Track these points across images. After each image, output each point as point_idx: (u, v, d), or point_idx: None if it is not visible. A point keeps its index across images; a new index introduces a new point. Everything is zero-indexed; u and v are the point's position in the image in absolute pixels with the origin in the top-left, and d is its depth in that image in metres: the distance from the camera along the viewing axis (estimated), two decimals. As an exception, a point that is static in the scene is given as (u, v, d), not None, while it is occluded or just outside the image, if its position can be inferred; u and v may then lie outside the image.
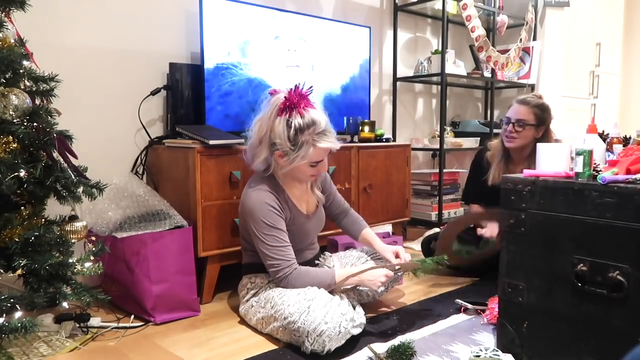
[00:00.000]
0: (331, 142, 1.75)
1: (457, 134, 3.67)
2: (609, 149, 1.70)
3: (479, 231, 2.33)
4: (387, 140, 2.90)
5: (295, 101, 1.70)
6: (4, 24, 1.52)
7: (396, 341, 1.64)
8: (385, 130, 3.12)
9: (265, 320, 1.74)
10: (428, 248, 2.52)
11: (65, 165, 1.62)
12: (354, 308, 1.77)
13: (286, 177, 1.85)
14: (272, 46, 2.50)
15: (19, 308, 1.45)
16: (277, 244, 1.74)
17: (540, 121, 2.31)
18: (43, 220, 1.62)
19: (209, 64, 2.27)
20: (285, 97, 1.71)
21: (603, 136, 1.77)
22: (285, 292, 1.71)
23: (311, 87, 1.74)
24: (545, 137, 2.33)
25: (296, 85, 1.73)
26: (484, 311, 1.93)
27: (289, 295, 1.68)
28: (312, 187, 1.98)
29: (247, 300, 1.85)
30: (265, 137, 1.73)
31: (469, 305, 2.00)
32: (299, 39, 2.61)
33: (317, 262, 2.01)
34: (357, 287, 1.91)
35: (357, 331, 1.69)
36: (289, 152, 1.71)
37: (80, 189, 1.64)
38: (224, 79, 2.33)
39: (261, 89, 2.45)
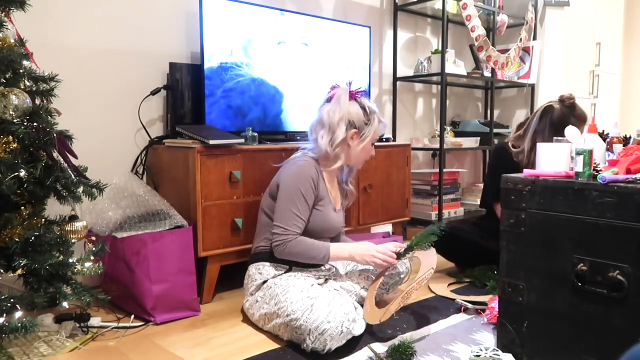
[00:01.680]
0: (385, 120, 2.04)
1: (457, 134, 3.67)
2: (609, 149, 1.70)
3: None
4: (387, 140, 2.90)
5: (357, 90, 1.98)
6: (4, 24, 1.52)
7: (396, 341, 1.64)
8: (385, 130, 3.12)
9: (268, 316, 1.74)
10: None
11: (65, 165, 1.62)
12: (356, 309, 1.78)
13: (330, 166, 1.95)
14: (272, 45, 2.50)
15: (19, 308, 1.45)
16: (296, 212, 1.81)
17: None
18: (43, 220, 1.61)
19: (212, 63, 2.27)
20: (349, 88, 1.96)
21: (603, 136, 1.77)
22: (288, 289, 1.72)
23: (360, 87, 2.00)
24: None
25: (349, 82, 1.98)
26: (484, 311, 1.93)
27: (292, 292, 1.69)
28: (340, 185, 2.09)
29: (252, 294, 1.85)
30: (343, 119, 1.91)
31: (469, 305, 2.00)
32: (299, 38, 2.61)
33: None
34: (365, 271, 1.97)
35: (358, 332, 1.69)
36: (363, 127, 1.93)
37: (80, 189, 1.64)
38: (225, 77, 2.33)
39: (263, 88, 2.46)
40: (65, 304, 1.61)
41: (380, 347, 1.64)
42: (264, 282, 1.83)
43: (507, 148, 2.36)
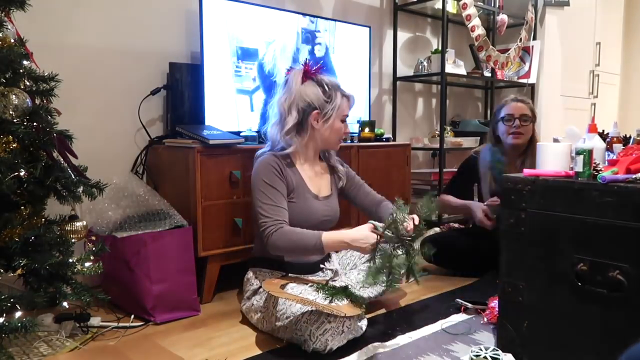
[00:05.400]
0: (351, 94, 1.94)
1: (457, 134, 3.67)
2: (609, 149, 1.70)
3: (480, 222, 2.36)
4: (387, 139, 2.90)
5: (314, 69, 1.88)
6: (4, 23, 1.52)
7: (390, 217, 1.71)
8: (385, 129, 3.12)
9: (267, 319, 1.74)
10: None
11: (65, 165, 1.62)
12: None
13: (307, 150, 1.91)
14: (273, 45, 2.50)
15: (19, 308, 1.45)
16: (269, 202, 1.76)
17: (534, 117, 2.44)
18: (43, 220, 1.61)
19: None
20: (303, 66, 1.87)
21: (603, 135, 1.77)
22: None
23: (322, 61, 1.92)
24: (533, 135, 2.44)
25: (306, 60, 1.91)
26: (484, 311, 1.93)
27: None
28: (330, 168, 2.03)
29: (249, 299, 1.84)
30: (294, 104, 1.83)
31: (469, 305, 2.00)
32: (298, 38, 2.61)
33: (321, 265, 1.93)
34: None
35: (359, 332, 1.69)
36: (324, 106, 1.84)
37: (80, 189, 1.64)
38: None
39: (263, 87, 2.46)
40: (65, 304, 1.61)
41: (380, 347, 1.64)
42: (261, 286, 1.80)
43: (475, 159, 2.52)
